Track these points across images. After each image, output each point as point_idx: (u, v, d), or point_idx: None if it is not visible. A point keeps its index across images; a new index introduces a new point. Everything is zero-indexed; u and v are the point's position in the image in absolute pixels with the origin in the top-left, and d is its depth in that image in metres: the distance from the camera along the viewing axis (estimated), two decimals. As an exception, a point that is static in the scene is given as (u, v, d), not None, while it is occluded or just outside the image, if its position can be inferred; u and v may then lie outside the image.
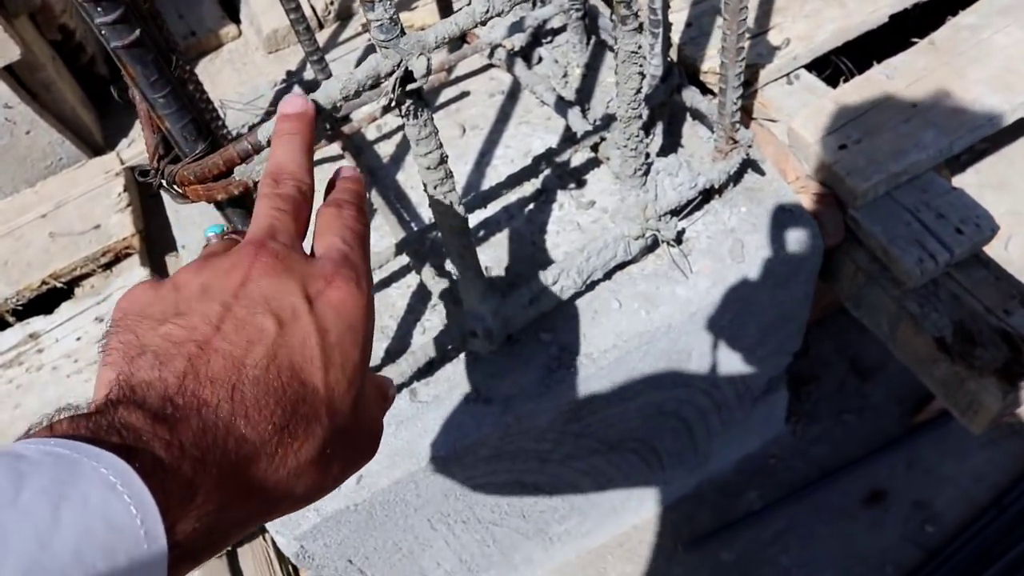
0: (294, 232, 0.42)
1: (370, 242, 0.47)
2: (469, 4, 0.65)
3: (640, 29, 0.77)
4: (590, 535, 1.43)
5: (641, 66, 0.81)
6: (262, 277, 0.38)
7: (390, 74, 0.62)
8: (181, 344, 0.35)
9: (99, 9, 0.50)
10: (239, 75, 1.46)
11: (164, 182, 0.62)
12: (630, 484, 1.34)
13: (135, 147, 1.40)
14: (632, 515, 1.46)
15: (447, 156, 0.73)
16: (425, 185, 0.75)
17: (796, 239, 1.02)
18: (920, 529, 1.40)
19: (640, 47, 0.79)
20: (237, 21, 1.54)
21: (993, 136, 1.21)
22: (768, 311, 1.09)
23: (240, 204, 0.66)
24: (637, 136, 0.88)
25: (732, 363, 1.13)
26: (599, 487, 1.28)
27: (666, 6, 1.03)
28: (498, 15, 0.65)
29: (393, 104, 0.64)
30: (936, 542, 1.39)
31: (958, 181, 1.45)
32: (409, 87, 0.63)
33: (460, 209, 0.79)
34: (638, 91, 0.83)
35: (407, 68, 0.61)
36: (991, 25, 1.20)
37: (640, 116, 0.86)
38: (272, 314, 0.37)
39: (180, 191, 0.62)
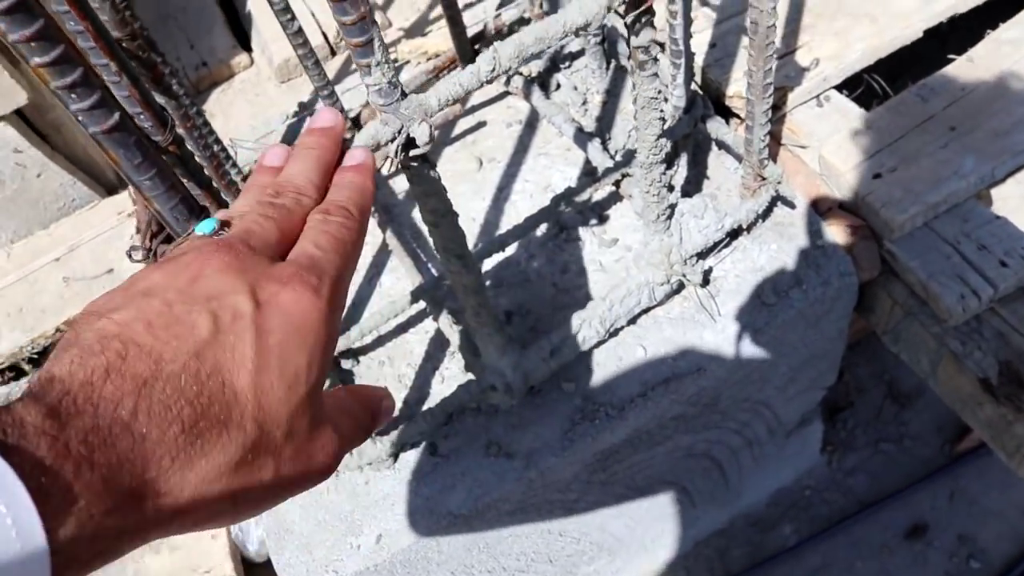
0: (274, 241, 0.41)
1: (359, 245, 0.44)
2: (478, 47, 0.61)
3: (658, 75, 0.73)
4: (620, 574, 1.39)
5: (662, 112, 0.76)
6: (213, 275, 0.37)
7: (392, 140, 0.58)
8: (108, 339, 0.33)
9: (73, 96, 0.46)
10: (251, 107, 1.43)
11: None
12: (660, 523, 1.30)
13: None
14: (663, 552, 1.42)
15: (457, 215, 0.69)
16: (434, 243, 0.72)
17: (828, 277, 0.97)
18: (965, 565, 1.34)
19: (660, 92, 0.75)
20: (249, 50, 1.52)
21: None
22: (800, 350, 1.04)
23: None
24: (659, 181, 0.84)
25: (763, 402, 1.09)
26: (628, 528, 1.24)
27: (688, 35, 0.98)
28: (504, 72, 0.61)
29: (396, 170, 0.60)
30: (982, 577, 1.33)
31: (997, 194, 1.39)
32: (413, 152, 0.60)
33: (473, 268, 0.75)
34: (659, 136, 0.78)
35: (409, 135, 0.58)
36: (1030, 40, 1.14)
37: (662, 161, 0.82)
38: (210, 313, 0.35)
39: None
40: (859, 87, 1.23)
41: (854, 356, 1.49)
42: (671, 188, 0.90)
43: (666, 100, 1.04)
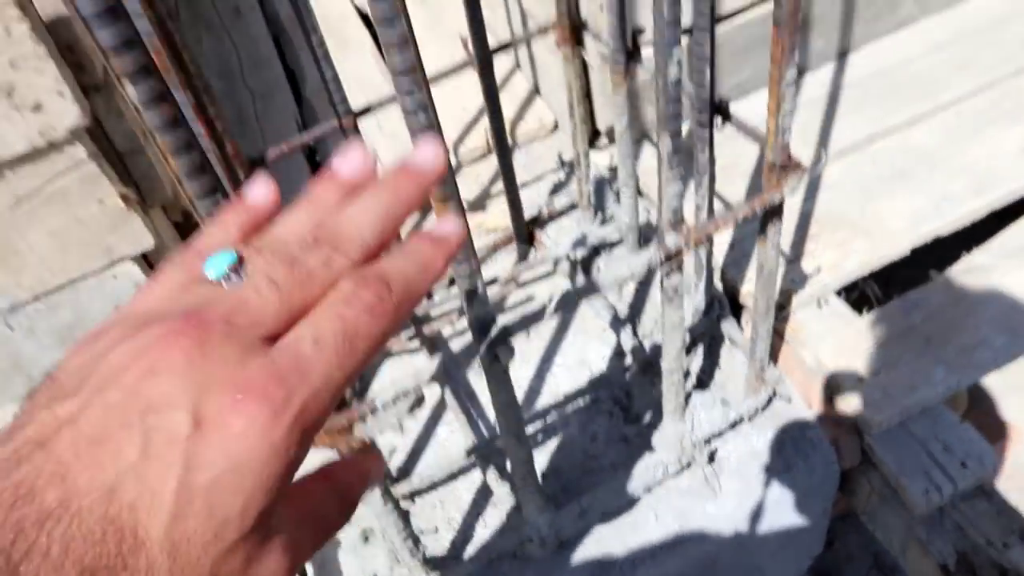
0: (270, 320, 0.33)
1: (380, 342, 0.34)
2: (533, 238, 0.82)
3: (682, 307, 0.94)
4: None
5: (685, 335, 0.97)
6: (166, 372, 0.30)
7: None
8: (35, 449, 0.28)
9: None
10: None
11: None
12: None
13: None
14: None
15: (519, 406, 0.89)
16: (499, 422, 0.91)
17: (815, 465, 1.15)
18: None
19: (683, 319, 0.95)
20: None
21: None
22: (789, 524, 1.22)
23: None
24: (678, 382, 1.04)
25: (757, 567, 1.26)
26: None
27: (710, 254, 1.20)
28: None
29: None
30: None
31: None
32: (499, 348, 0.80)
33: (526, 443, 0.95)
34: (680, 351, 0.99)
35: (506, 328, 0.78)
36: (1000, 266, 1.34)
37: (681, 368, 1.02)
38: (143, 432, 0.29)
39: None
40: (855, 291, 1.44)
41: (845, 526, 1.66)
42: (687, 374, 1.10)
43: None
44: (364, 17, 2.24)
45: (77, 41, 1.19)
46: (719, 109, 0.96)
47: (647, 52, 1.03)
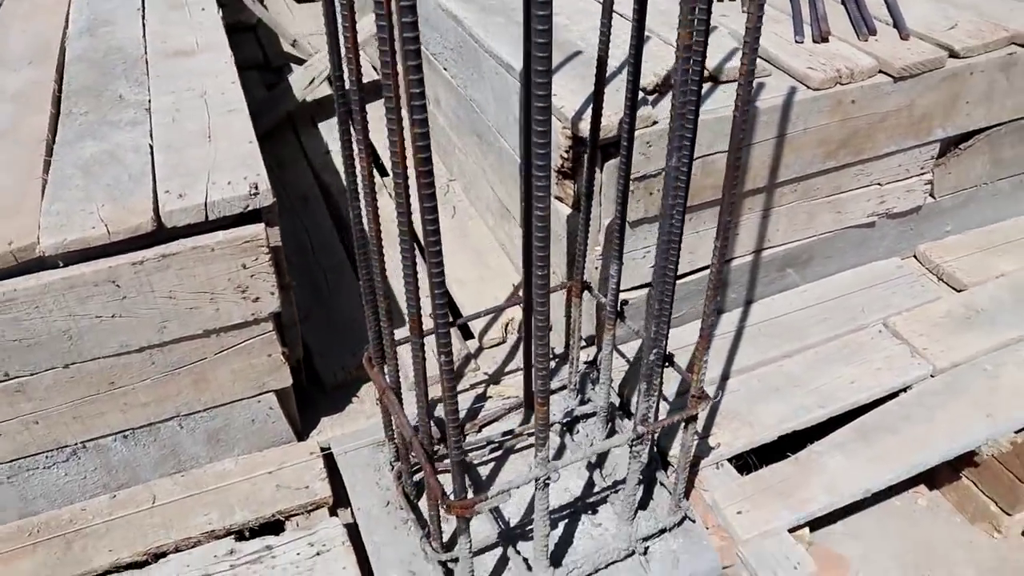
0: None
1: None
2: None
3: (640, 477, 1.71)
4: None
5: (638, 485, 1.74)
6: None
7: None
8: None
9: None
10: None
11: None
12: None
13: (320, 437, 2.29)
14: None
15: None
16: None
17: (704, 561, 1.91)
18: None
19: (641, 479, 1.72)
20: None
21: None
22: (690, 600, 1.96)
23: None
24: (630, 508, 1.79)
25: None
26: None
27: (653, 435, 1.98)
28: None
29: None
30: None
31: (828, 531, 2.42)
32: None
33: (546, 523, 1.68)
34: (634, 487, 1.75)
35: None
36: (828, 452, 2.16)
37: (634, 496, 1.78)
38: None
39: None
40: (740, 459, 2.23)
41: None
42: (635, 513, 1.86)
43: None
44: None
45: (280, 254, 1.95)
46: (668, 360, 1.76)
47: (639, 295, 1.85)
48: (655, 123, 2.02)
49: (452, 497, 1.53)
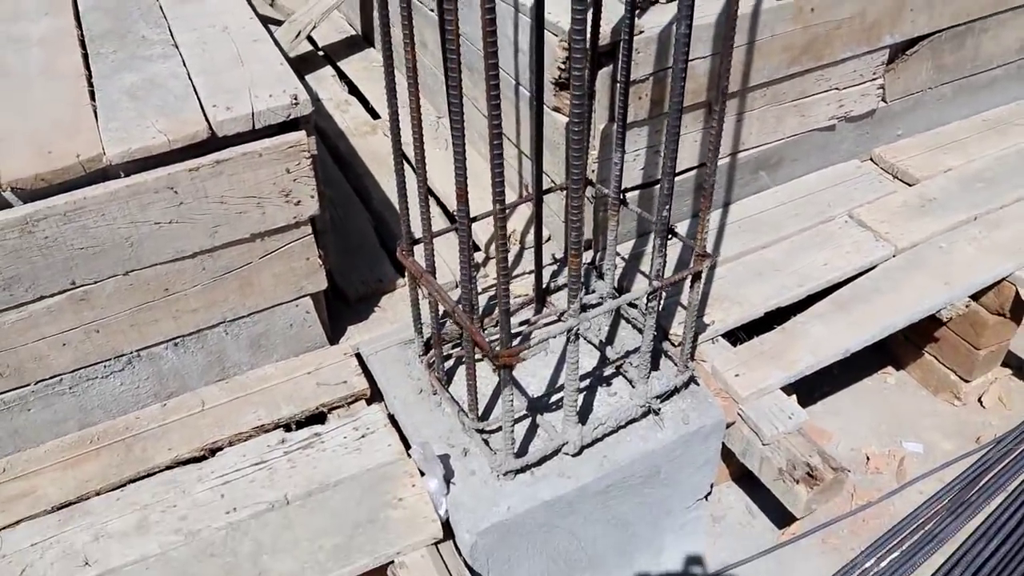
0: None
1: None
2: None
3: (653, 328, 1.95)
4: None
5: (652, 344, 1.97)
6: None
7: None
8: None
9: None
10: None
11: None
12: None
13: (350, 341, 2.48)
14: None
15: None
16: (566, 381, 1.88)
17: (711, 416, 2.15)
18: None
19: (652, 328, 1.96)
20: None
21: (832, 380, 2.41)
22: (697, 457, 2.20)
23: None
24: (646, 366, 2.03)
25: (679, 475, 2.23)
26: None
27: (658, 307, 2.22)
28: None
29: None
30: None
31: (810, 410, 2.68)
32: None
33: (577, 391, 1.91)
34: (647, 359, 1.98)
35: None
36: (810, 322, 2.42)
37: (648, 364, 2.01)
38: None
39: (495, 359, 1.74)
40: (733, 335, 2.48)
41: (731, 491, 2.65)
42: (649, 377, 2.09)
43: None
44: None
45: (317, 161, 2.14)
46: (671, 231, 1.99)
47: (631, 195, 2.07)
48: (641, 32, 2.24)
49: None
